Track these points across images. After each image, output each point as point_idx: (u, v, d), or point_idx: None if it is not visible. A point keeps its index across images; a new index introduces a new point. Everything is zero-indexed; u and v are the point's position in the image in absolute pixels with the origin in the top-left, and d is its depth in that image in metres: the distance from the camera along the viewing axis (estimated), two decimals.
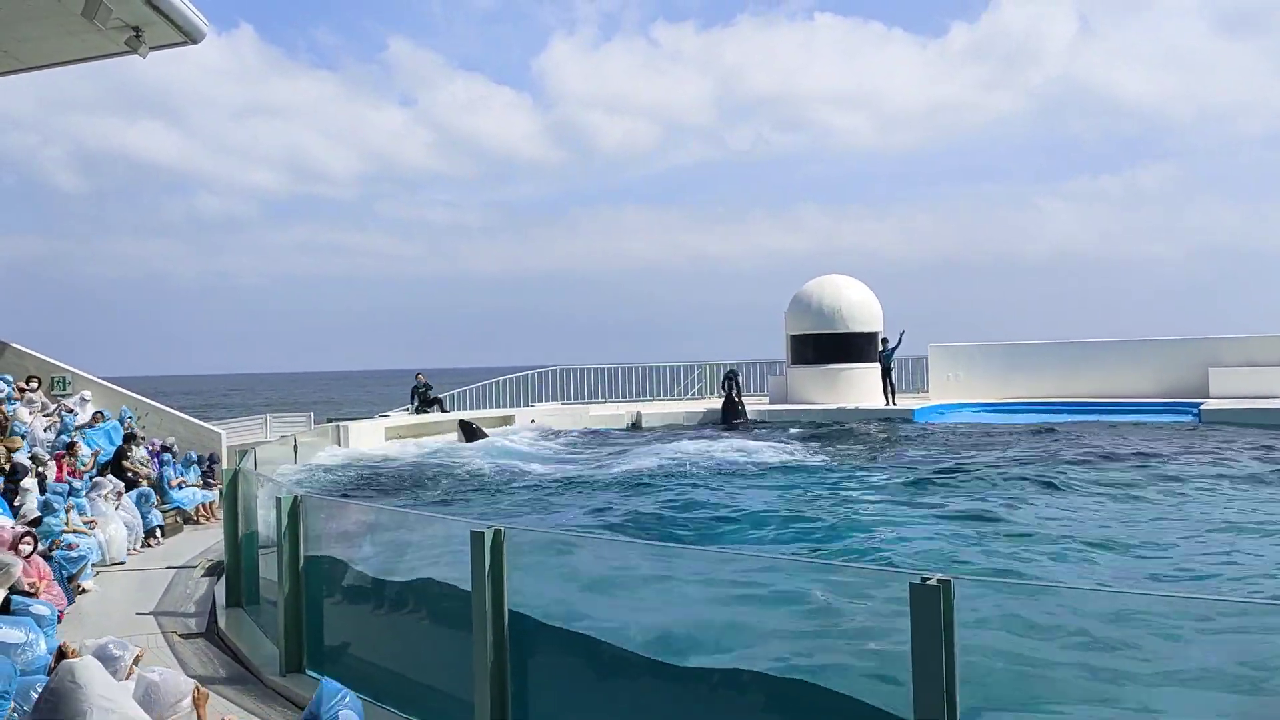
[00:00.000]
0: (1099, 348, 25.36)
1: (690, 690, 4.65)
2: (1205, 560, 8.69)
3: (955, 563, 8.78)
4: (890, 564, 8.36)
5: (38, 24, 12.49)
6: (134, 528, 11.47)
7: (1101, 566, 8.49)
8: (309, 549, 6.84)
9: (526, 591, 5.21)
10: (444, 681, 5.73)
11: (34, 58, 13.93)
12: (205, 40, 13.27)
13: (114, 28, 12.38)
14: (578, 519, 11.72)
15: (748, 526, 11.03)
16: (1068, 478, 13.20)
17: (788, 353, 26.88)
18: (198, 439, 16.93)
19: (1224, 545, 9.22)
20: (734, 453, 17.67)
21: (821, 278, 27.12)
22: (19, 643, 3.71)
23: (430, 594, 6.14)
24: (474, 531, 5.12)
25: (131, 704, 2.83)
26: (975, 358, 26.23)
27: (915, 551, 9.50)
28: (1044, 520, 10.71)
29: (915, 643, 3.55)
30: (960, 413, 23.58)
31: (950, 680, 3.48)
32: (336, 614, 6.87)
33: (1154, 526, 10.22)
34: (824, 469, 15.44)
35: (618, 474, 15.57)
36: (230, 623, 8.18)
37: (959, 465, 14.82)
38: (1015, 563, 8.68)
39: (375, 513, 7.83)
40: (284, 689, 6.52)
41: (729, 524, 11.25)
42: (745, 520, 11.32)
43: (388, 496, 14.13)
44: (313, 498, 7.12)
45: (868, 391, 25.24)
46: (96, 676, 2.74)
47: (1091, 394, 24.10)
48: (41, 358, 17.29)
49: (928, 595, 3.51)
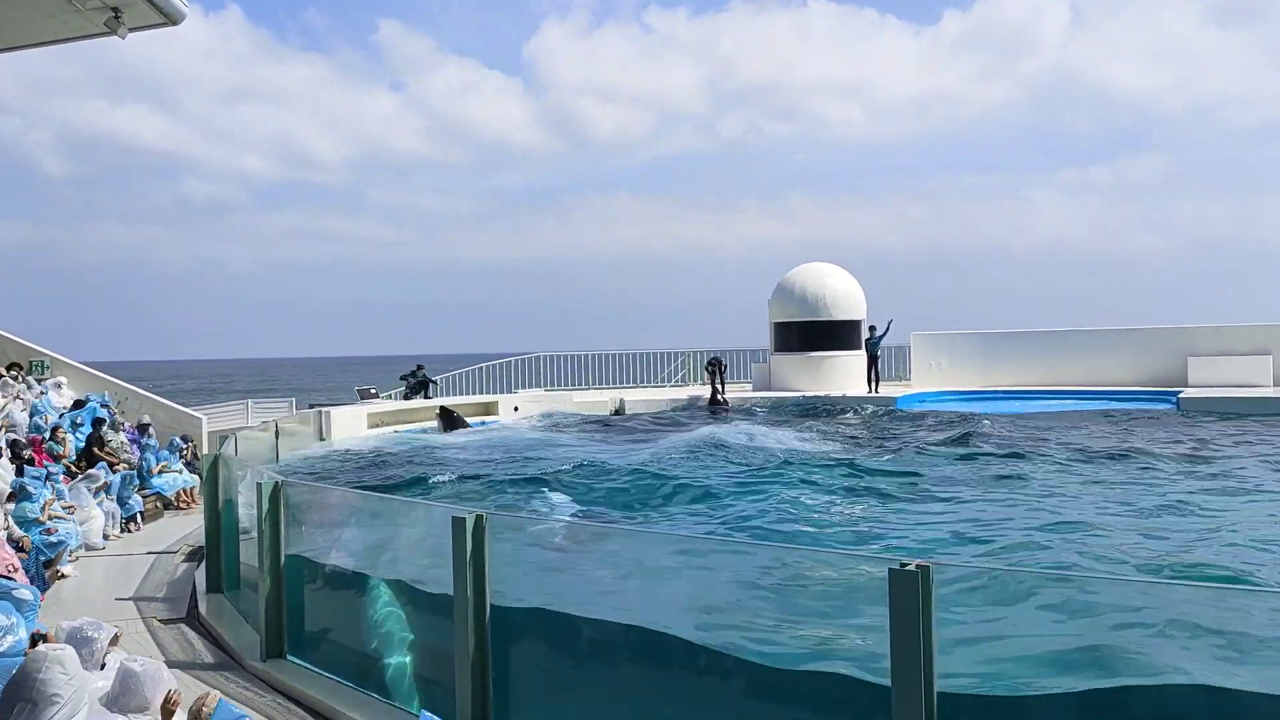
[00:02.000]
0: (1080, 336, 25.50)
1: (676, 673, 4.67)
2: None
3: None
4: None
5: (14, 4, 12.32)
6: (113, 513, 11.41)
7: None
8: (290, 535, 6.81)
9: (509, 576, 5.21)
10: (427, 666, 5.73)
11: (10, 39, 13.72)
12: (194, 20, 13.18)
13: (93, 9, 12.22)
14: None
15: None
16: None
17: (771, 340, 26.93)
18: (178, 424, 16.85)
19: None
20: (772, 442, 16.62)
21: (805, 265, 27.15)
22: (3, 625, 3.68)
23: (412, 579, 6.14)
24: (455, 517, 5.11)
25: (94, 696, 2.81)
26: (958, 346, 26.34)
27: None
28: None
29: (894, 629, 3.56)
30: (942, 401, 23.69)
31: (929, 666, 3.50)
32: (318, 599, 6.86)
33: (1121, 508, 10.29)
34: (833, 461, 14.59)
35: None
36: (211, 608, 8.15)
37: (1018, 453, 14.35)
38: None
39: (357, 498, 7.82)
40: (265, 674, 6.50)
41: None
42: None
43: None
44: (294, 483, 7.10)
45: (851, 379, 25.34)
46: (66, 664, 2.72)
47: (1073, 382, 24.24)
48: (21, 342, 17.16)
49: (906, 581, 3.53)
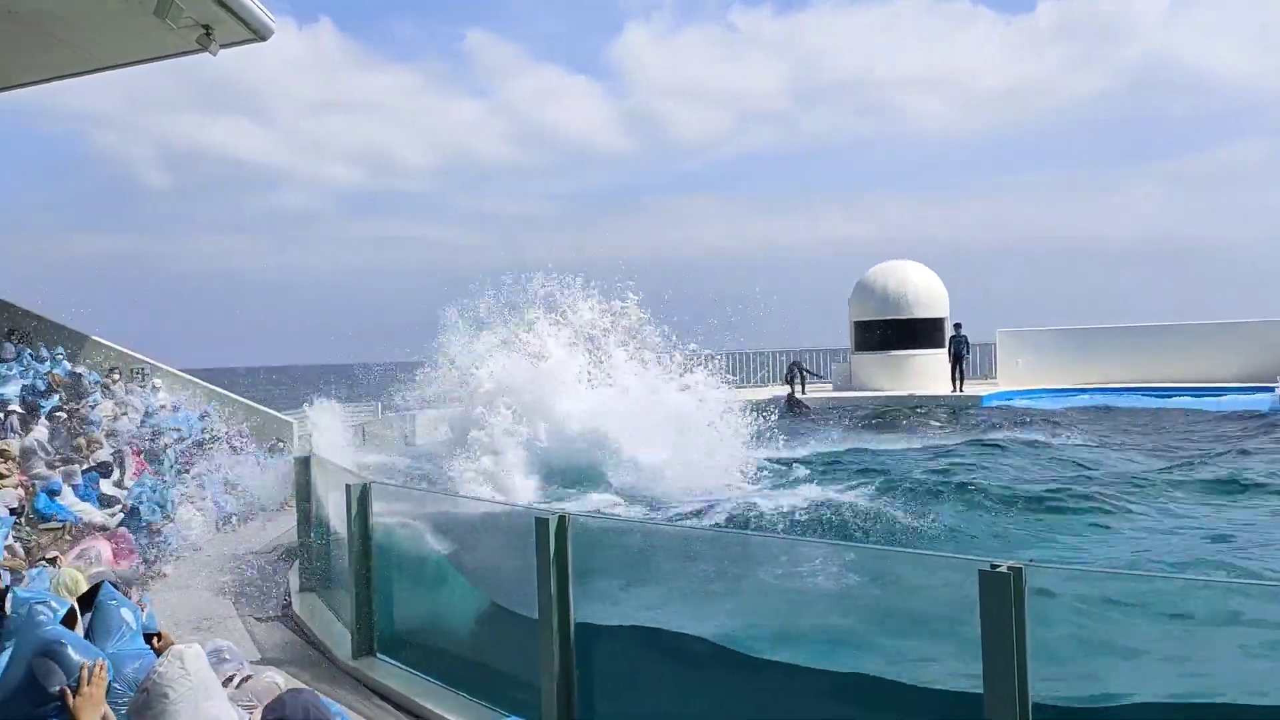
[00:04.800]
0: (1174, 331, 24.61)
1: (757, 679, 4.63)
2: None
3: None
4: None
5: (112, 24, 12.83)
6: (210, 514, 11.81)
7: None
8: (378, 535, 6.95)
9: (593, 579, 5.23)
10: (512, 666, 5.79)
11: (109, 57, 14.33)
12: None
13: (185, 26, 12.68)
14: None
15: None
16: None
17: (852, 339, 26.58)
18: (270, 428, 17.36)
19: None
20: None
21: (887, 263, 26.73)
22: (132, 628, 3.80)
23: (496, 579, 6.21)
24: (538, 518, 5.15)
25: (226, 702, 2.91)
26: (1046, 343, 25.66)
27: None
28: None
29: (985, 633, 3.48)
30: (1028, 399, 23.08)
31: (1022, 670, 3.41)
32: (405, 598, 6.98)
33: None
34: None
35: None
36: (304, 606, 8.36)
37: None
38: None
39: (442, 499, 7.93)
40: (355, 671, 6.64)
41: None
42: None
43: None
44: (381, 485, 7.23)
45: (934, 377, 24.87)
46: (202, 665, 2.81)
47: (1168, 379, 23.39)
48: (121, 349, 17.83)
49: (998, 583, 3.44)
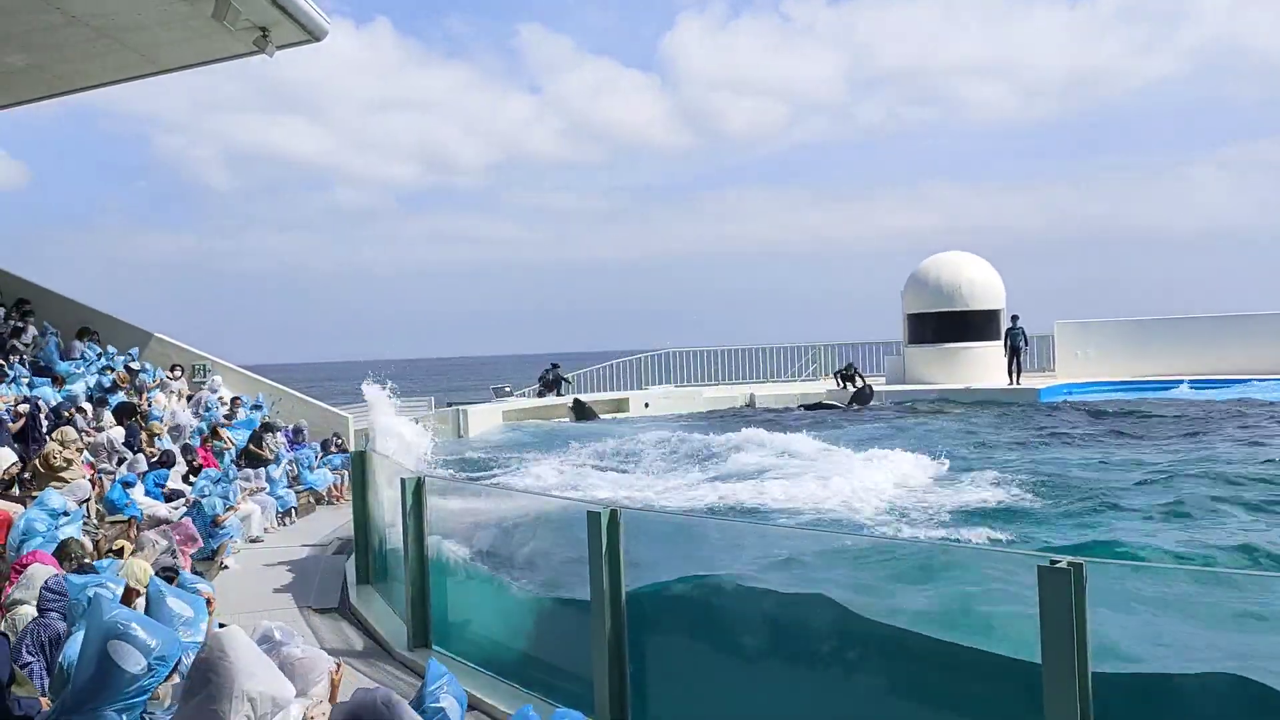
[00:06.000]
0: (1240, 322, 23.90)
1: (816, 672, 4.61)
2: None
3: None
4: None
5: (171, 27, 13.12)
6: (269, 508, 12.03)
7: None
8: (432, 528, 7.03)
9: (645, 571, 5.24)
10: (565, 659, 5.82)
11: (169, 60, 14.67)
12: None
13: (242, 29, 12.93)
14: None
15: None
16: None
17: (905, 332, 26.25)
18: (326, 423, 17.66)
19: None
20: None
21: (940, 254, 26.32)
22: (186, 617, 3.90)
23: (550, 573, 6.24)
24: (590, 512, 5.17)
25: (278, 675, 2.94)
26: (1106, 334, 25.08)
27: None
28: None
29: (1045, 629, 3.43)
30: (1089, 392, 22.62)
31: (1083, 667, 3.35)
32: (460, 591, 7.05)
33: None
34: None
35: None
36: (361, 598, 8.48)
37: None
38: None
39: (495, 492, 8.00)
40: (412, 662, 6.72)
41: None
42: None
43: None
44: (435, 479, 7.31)
45: (988, 370, 24.45)
46: (244, 645, 2.85)
47: (1232, 370, 22.76)
48: (183, 347, 18.26)
49: (1057, 579, 3.39)
